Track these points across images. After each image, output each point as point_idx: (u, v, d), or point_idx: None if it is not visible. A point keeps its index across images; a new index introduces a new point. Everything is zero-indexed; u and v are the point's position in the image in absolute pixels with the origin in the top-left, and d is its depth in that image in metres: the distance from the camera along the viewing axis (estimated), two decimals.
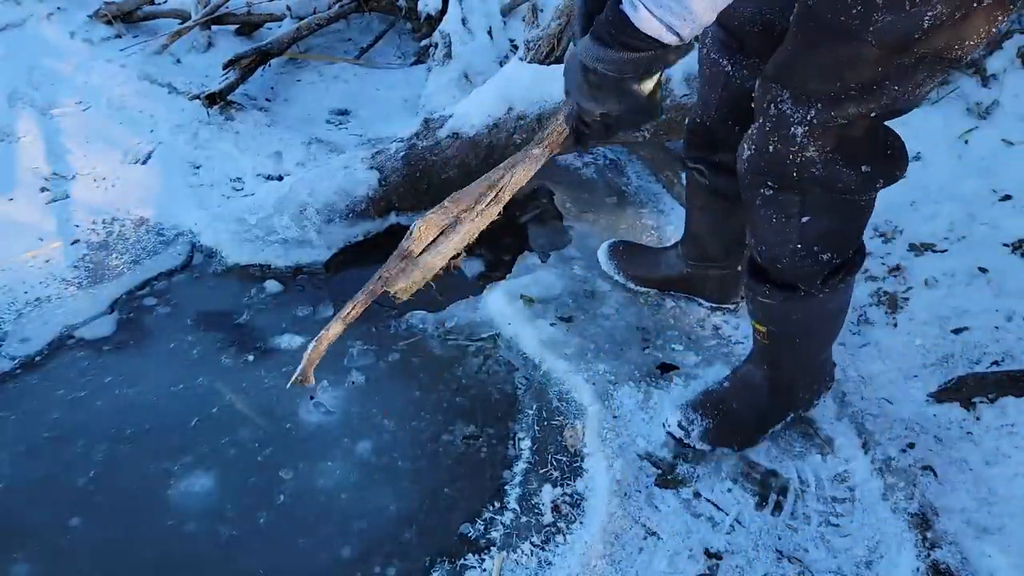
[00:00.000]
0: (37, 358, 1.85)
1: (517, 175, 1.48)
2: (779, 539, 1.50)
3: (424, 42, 2.95)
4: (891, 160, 1.29)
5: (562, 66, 2.24)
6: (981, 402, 1.63)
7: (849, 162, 1.25)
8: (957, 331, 1.80)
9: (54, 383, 1.80)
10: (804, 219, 1.32)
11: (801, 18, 1.16)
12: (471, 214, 1.46)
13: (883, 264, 2.04)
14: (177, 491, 1.60)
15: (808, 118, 1.20)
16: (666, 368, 1.82)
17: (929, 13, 1.05)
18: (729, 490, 1.57)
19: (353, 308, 1.45)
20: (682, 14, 1.03)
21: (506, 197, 1.48)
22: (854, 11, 1.07)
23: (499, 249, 2.20)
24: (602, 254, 2.05)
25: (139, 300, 2.01)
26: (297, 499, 1.59)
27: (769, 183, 1.31)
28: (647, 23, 1.06)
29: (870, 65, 1.12)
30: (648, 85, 1.20)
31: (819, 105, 1.18)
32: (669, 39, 1.07)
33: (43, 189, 2.32)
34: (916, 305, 1.90)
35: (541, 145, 1.47)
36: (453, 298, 2.03)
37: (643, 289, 2.00)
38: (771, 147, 1.27)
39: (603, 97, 1.21)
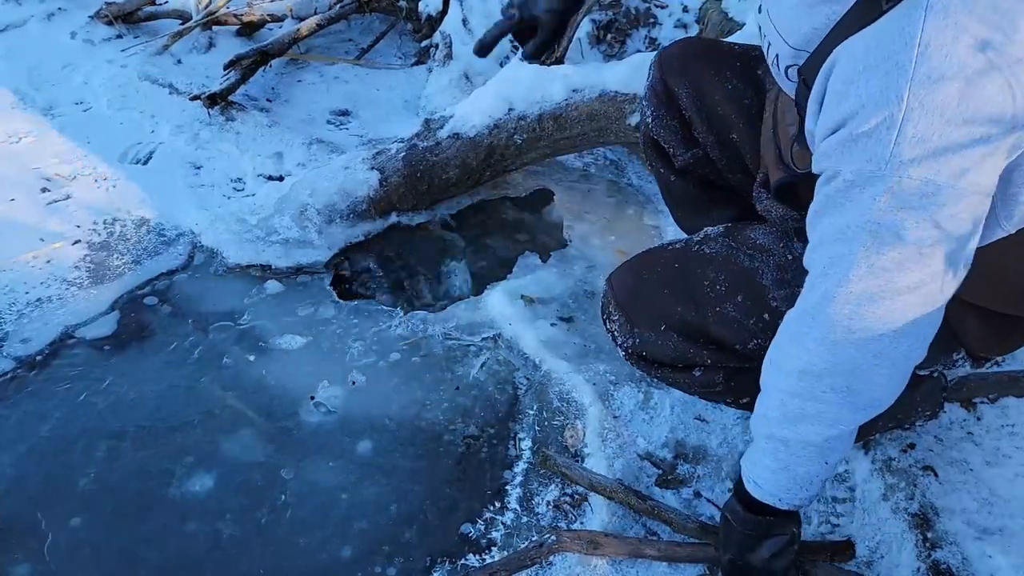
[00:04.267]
0: (38, 358, 1.85)
1: None
2: None
3: (425, 43, 2.95)
4: None
5: (561, 67, 2.24)
6: (982, 402, 1.63)
7: None
8: None
9: (55, 383, 1.80)
10: None
11: None
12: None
13: None
14: (178, 491, 1.60)
15: None
16: None
17: None
18: (730, 490, 1.56)
19: None
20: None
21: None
22: None
23: (499, 249, 2.20)
24: None
25: (140, 300, 2.01)
26: (297, 499, 1.60)
27: None
28: None
29: None
30: None
31: None
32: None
33: (44, 190, 2.32)
34: None
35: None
36: (453, 298, 2.03)
37: None
38: None
39: None
